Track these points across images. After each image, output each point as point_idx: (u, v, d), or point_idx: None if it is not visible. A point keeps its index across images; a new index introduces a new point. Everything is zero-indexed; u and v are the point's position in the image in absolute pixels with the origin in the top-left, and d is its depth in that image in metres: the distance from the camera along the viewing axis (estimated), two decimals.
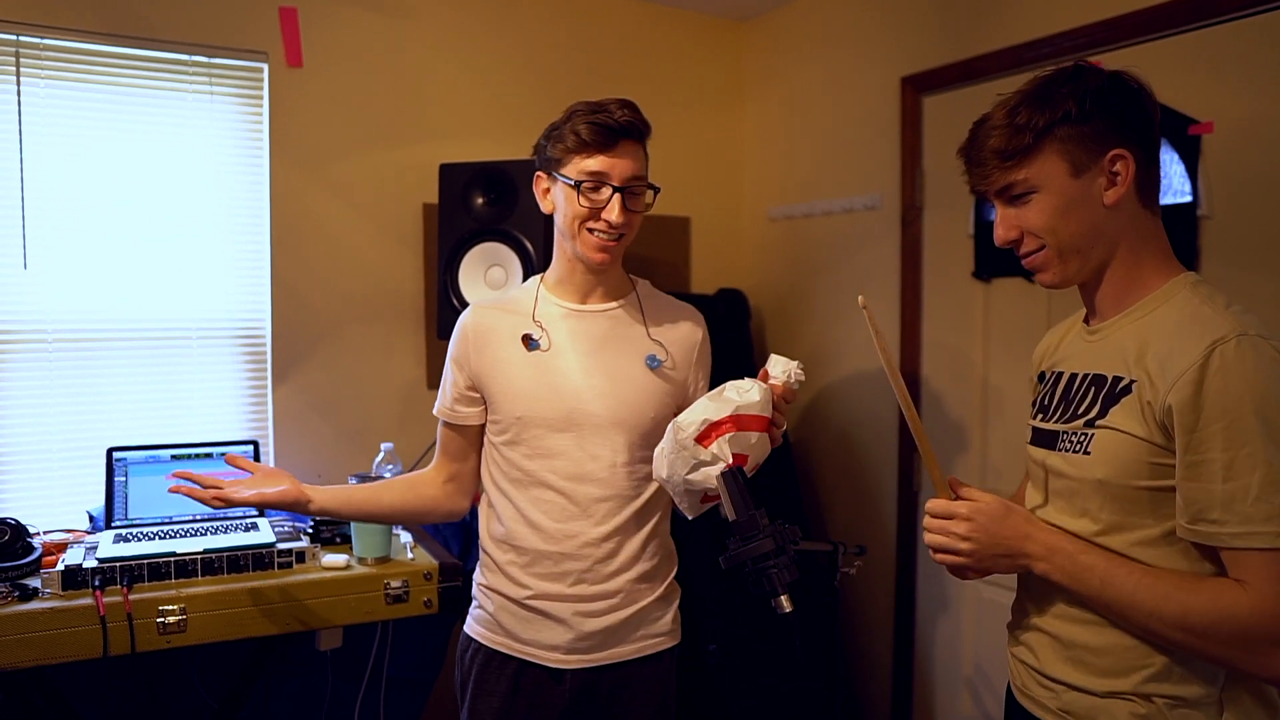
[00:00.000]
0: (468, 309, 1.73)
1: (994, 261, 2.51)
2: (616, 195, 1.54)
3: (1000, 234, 1.28)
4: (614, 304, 1.67)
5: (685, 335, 1.71)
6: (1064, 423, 1.28)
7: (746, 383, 1.45)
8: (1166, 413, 1.13)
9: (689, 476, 1.40)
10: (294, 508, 1.69)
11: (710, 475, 1.38)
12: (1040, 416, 1.35)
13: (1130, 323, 1.24)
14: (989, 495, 1.28)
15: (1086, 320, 1.34)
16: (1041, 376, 1.41)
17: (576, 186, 1.54)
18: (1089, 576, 1.19)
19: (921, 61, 2.70)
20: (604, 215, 1.54)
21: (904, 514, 2.82)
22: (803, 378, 1.50)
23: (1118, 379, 1.21)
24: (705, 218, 3.40)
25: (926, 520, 1.30)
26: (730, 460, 1.38)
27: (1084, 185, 1.20)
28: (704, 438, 1.38)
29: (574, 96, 1.65)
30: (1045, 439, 1.32)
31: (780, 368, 1.49)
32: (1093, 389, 1.25)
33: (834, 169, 3.07)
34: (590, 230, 1.57)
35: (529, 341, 1.63)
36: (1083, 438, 1.23)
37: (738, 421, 1.39)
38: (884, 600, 2.89)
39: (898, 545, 2.83)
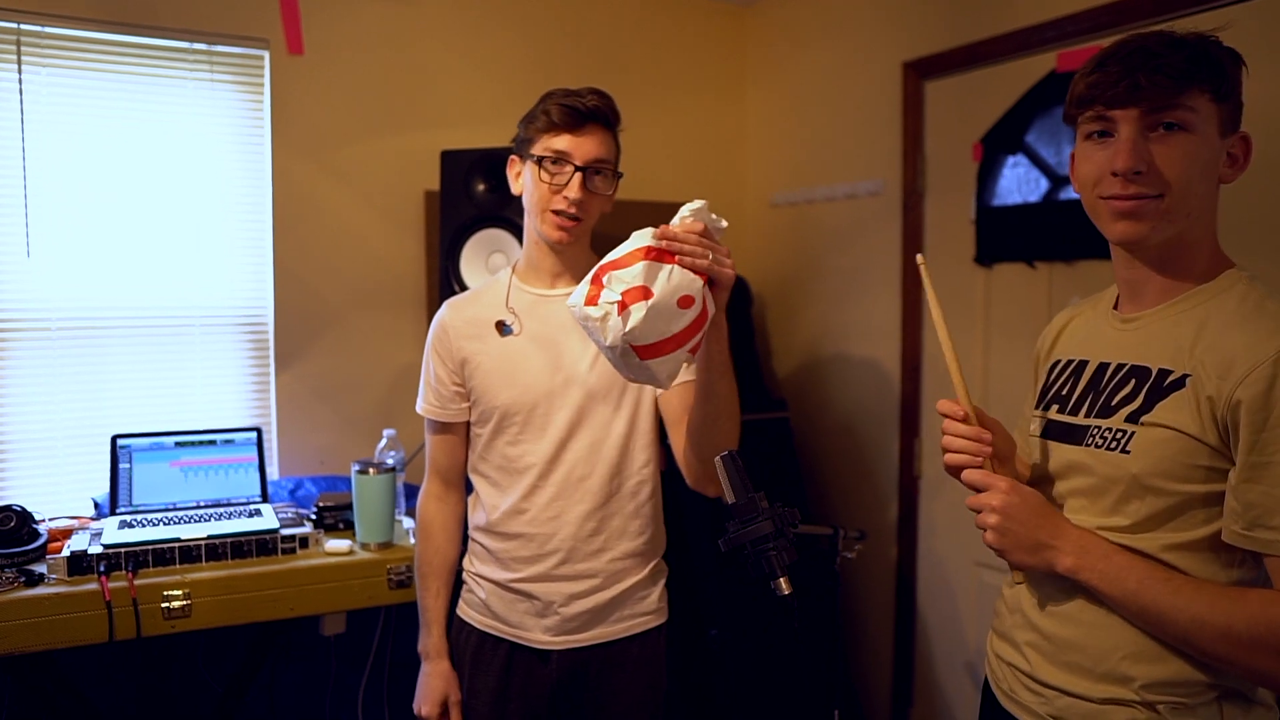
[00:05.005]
0: (442, 306, 1.78)
1: (995, 247, 2.50)
2: (578, 174, 1.59)
3: (1128, 160, 1.10)
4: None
5: None
6: (1098, 417, 1.20)
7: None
8: (1233, 409, 1.04)
9: (604, 344, 1.28)
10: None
11: (614, 331, 1.25)
12: (1057, 408, 1.27)
13: (1179, 312, 1.15)
14: (1028, 487, 1.21)
15: (1115, 306, 1.25)
16: (1054, 365, 1.32)
17: (540, 162, 1.59)
18: (1125, 577, 1.11)
19: (923, 46, 2.69)
20: (564, 192, 1.59)
21: (905, 498, 2.82)
22: (711, 220, 1.37)
23: (1165, 371, 1.13)
24: (707, 203, 3.39)
25: (971, 497, 1.23)
26: (619, 300, 1.24)
27: (1219, 150, 1.13)
28: (590, 300, 1.28)
29: (576, 83, 1.67)
30: (1067, 433, 1.24)
31: (678, 215, 1.37)
32: (1133, 381, 1.16)
33: (836, 155, 3.06)
34: (554, 210, 1.61)
35: (502, 328, 1.68)
36: (1121, 434, 1.15)
37: (611, 265, 1.29)
38: (884, 584, 2.90)
39: (898, 529, 2.84)
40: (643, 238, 1.32)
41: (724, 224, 1.38)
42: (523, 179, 1.67)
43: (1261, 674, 1.07)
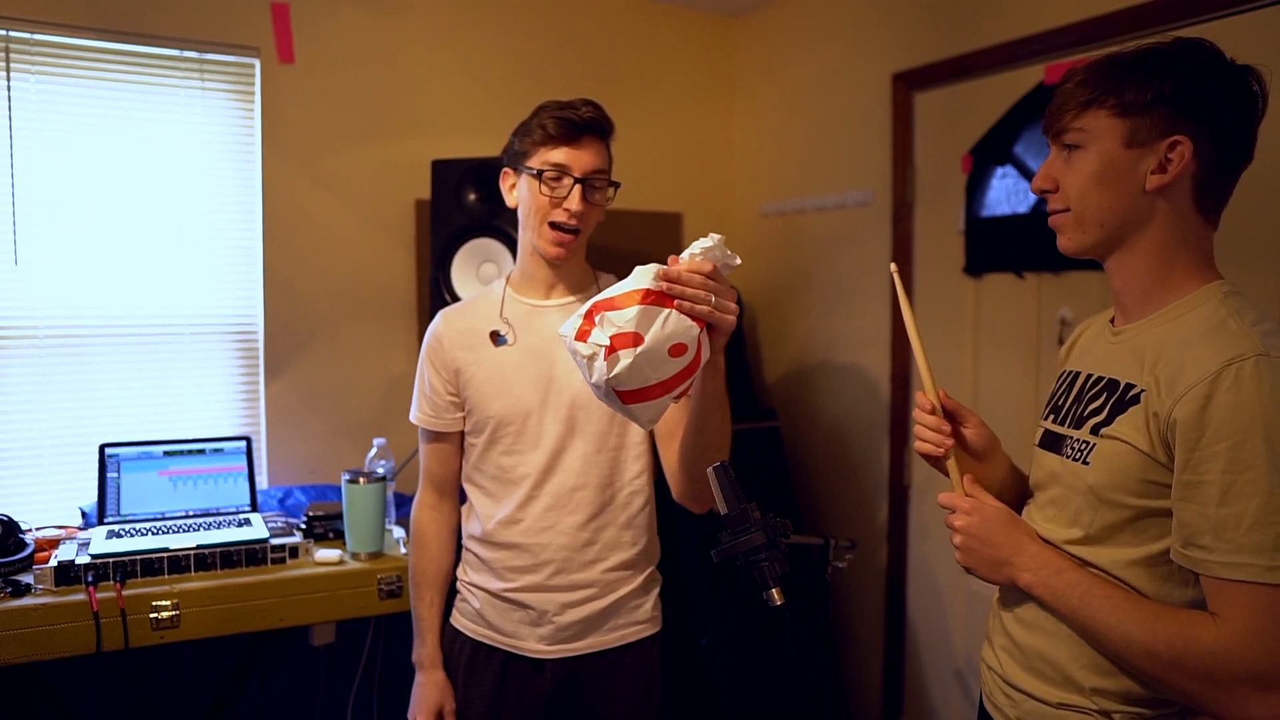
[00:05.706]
0: (436, 316, 1.78)
1: (985, 257, 2.52)
2: (577, 186, 1.59)
3: (1035, 181, 1.23)
4: (573, 298, 1.71)
5: None
6: (1073, 427, 1.22)
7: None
8: (1170, 426, 1.06)
9: (589, 380, 1.27)
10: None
11: (599, 372, 1.24)
12: (1052, 418, 1.30)
13: (1154, 328, 1.17)
14: (995, 502, 1.26)
15: (1113, 319, 1.27)
16: (1062, 375, 1.34)
17: (539, 176, 1.60)
18: (1070, 594, 1.15)
19: (913, 58, 2.70)
20: (565, 205, 1.59)
21: (895, 508, 2.83)
22: (723, 257, 1.30)
23: (1129, 385, 1.15)
24: (697, 214, 3.41)
25: (946, 516, 1.30)
26: (608, 344, 1.22)
27: (1132, 160, 1.13)
28: (581, 336, 1.26)
29: (566, 92, 1.68)
30: (1053, 443, 1.27)
31: (688, 250, 1.32)
32: (1105, 393, 1.19)
33: (826, 165, 3.08)
34: (551, 224, 1.62)
35: (496, 338, 1.69)
36: (1085, 446, 1.18)
37: (606, 304, 1.25)
38: (875, 593, 2.91)
39: (889, 539, 2.84)
40: (644, 277, 1.26)
41: (737, 261, 1.32)
42: (518, 191, 1.67)
43: (1184, 694, 1.08)
